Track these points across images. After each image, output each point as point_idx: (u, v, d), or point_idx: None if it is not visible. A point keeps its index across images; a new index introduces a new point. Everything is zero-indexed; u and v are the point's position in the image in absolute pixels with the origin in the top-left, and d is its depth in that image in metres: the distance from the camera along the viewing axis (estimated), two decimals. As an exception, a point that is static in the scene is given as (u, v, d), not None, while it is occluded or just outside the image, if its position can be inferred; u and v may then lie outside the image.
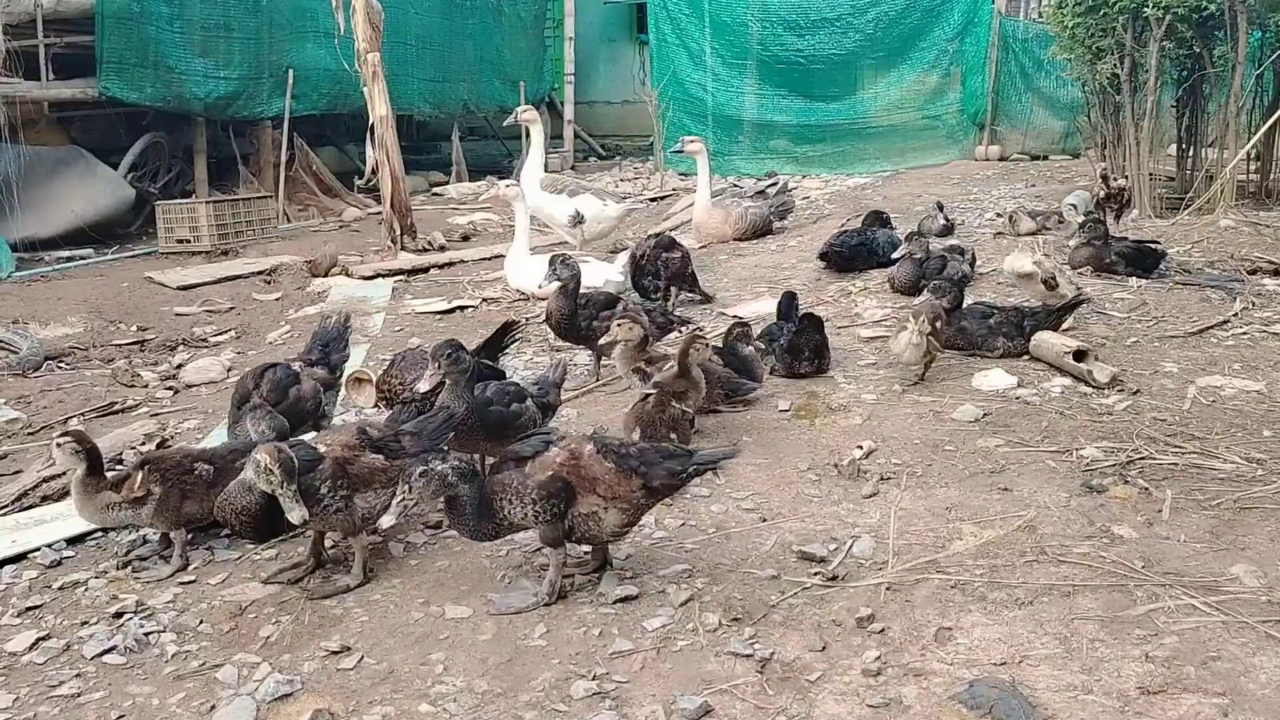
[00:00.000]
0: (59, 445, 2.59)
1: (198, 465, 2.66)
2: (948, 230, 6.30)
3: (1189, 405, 3.45)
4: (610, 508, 2.29)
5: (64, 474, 3.60)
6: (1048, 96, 10.79)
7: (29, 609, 2.50)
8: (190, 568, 2.64)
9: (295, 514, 2.28)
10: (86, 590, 2.57)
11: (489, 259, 7.25)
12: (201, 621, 2.40)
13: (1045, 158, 10.65)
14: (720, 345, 3.69)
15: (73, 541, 2.85)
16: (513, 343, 3.67)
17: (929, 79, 11.10)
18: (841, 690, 2.00)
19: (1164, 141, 7.54)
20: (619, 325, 3.38)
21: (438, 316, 5.65)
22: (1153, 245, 5.23)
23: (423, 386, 2.76)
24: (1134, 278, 5.04)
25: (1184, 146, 7.43)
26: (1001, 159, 10.63)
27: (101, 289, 6.70)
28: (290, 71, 9.42)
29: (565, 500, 2.27)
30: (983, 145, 10.81)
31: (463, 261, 7.33)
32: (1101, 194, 6.08)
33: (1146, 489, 2.80)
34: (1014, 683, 1.96)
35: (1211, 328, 4.32)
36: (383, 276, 6.83)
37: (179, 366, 5.20)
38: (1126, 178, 6.37)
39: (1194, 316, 4.48)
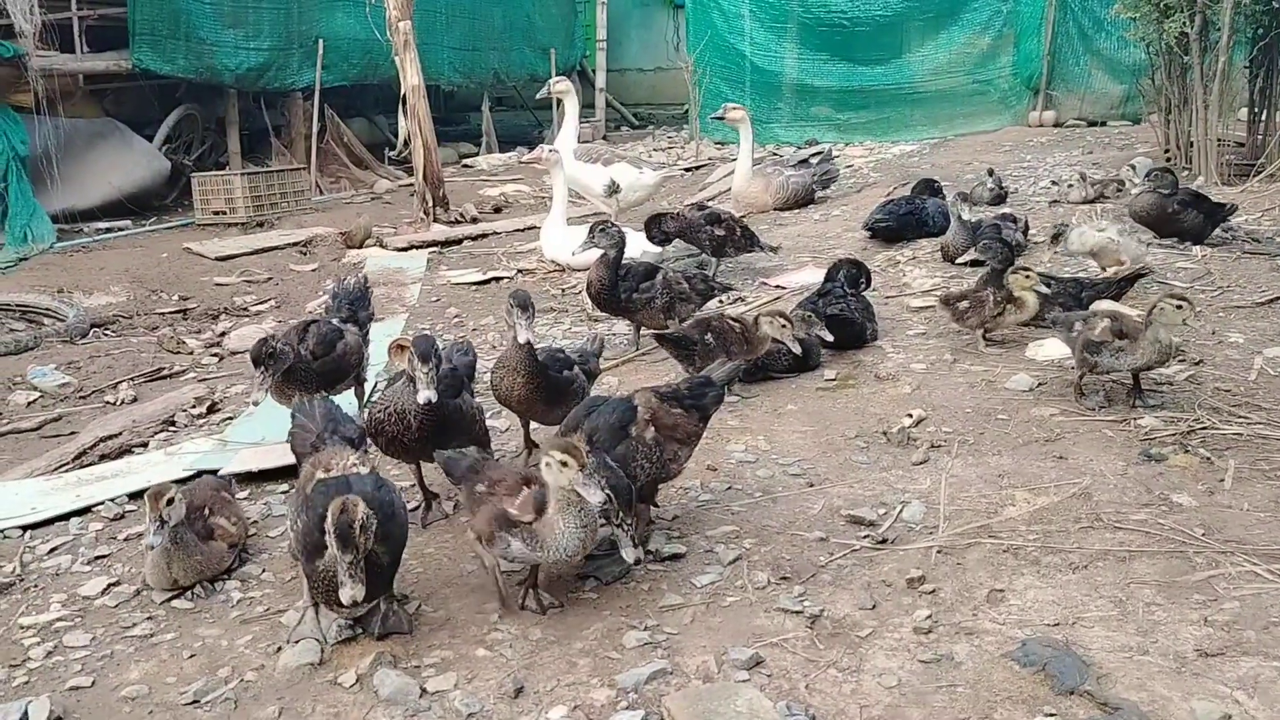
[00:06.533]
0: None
1: None
2: (1000, 198, 6.11)
3: (1255, 376, 3.33)
4: (684, 445, 2.46)
5: (119, 434, 3.76)
6: (1107, 59, 10.19)
7: (98, 558, 2.60)
8: (251, 522, 2.72)
9: (347, 591, 1.76)
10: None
11: (522, 230, 7.24)
12: (264, 570, 2.48)
13: (1103, 124, 10.09)
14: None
15: (134, 496, 2.94)
16: None
17: (980, 41, 10.60)
18: (893, 646, 2.00)
19: (1234, 105, 7.14)
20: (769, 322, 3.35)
21: (473, 287, 5.68)
22: (1219, 201, 5.01)
23: (526, 336, 2.66)
24: (1195, 244, 4.81)
25: (1256, 110, 7.02)
26: (1056, 125, 10.08)
27: (141, 259, 6.83)
28: (320, 42, 9.41)
29: (661, 451, 2.40)
30: (1036, 111, 10.27)
31: (495, 233, 7.33)
32: None
33: (1208, 458, 2.73)
34: (1067, 642, 1.94)
35: (1281, 298, 4.15)
36: (416, 248, 6.86)
37: (223, 334, 5.31)
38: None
39: (1262, 286, 4.30)
